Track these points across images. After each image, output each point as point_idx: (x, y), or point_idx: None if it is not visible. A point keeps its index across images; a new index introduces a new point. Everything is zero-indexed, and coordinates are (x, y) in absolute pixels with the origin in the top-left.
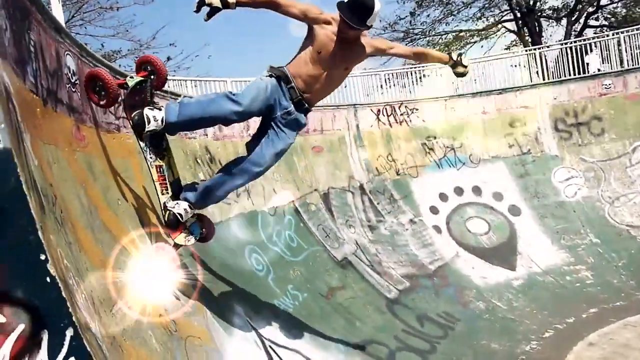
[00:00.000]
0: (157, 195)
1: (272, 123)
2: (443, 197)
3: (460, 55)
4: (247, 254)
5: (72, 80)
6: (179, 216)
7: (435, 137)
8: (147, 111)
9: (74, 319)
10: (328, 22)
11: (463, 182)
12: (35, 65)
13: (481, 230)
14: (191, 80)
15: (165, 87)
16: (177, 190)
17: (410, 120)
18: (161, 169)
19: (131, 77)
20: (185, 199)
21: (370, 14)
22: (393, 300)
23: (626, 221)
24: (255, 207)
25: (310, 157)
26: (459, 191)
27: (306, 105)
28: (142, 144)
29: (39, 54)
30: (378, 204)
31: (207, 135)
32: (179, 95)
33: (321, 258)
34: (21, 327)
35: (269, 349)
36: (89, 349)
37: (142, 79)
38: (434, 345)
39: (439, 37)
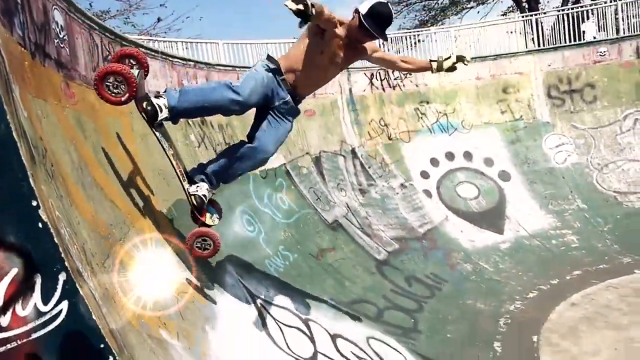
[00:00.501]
0: (181, 182)
1: (271, 112)
2: (434, 162)
3: (440, 57)
4: (238, 215)
5: (60, 36)
6: (203, 198)
7: (428, 102)
8: (155, 100)
9: (66, 264)
10: (338, 25)
11: (454, 147)
12: (22, 18)
13: (471, 195)
14: (182, 42)
15: (157, 47)
16: (187, 174)
17: (404, 85)
18: (175, 156)
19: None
20: (202, 181)
21: (390, 24)
22: (382, 261)
23: (613, 187)
24: None
25: (302, 120)
26: (450, 156)
27: (297, 97)
28: (157, 134)
29: (25, 6)
30: (369, 168)
31: None
32: (171, 56)
33: (312, 220)
34: (14, 271)
35: (260, 306)
36: (81, 293)
37: (140, 70)
38: (421, 305)
39: (435, 1)
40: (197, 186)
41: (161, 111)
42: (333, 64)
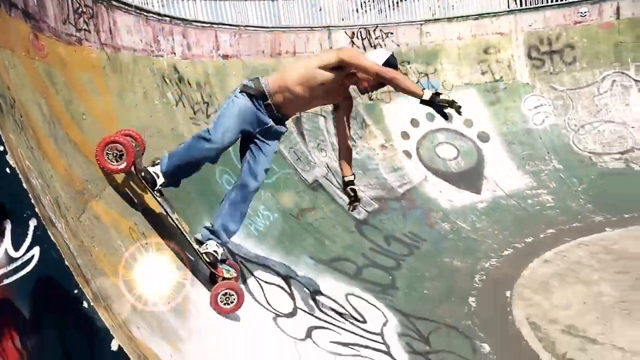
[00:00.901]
0: (190, 244)
1: (254, 140)
2: (414, 122)
3: (437, 94)
4: (217, 175)
5: None
6: (215, 253)
7: (409, 62)
8: (151, 168)
9: (37, 210)
10: None
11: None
12: None
13: (450, 155)
14: None
15: (131, 2)
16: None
17: (385, 45)
18: (179, 220)
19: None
20: (209, 238)
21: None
22: (362, 221)
23: (589, 148)
24: None
25: None
26: (430, 117)
27: (282, 118)
28: (160, 199)
29: None
30: (350, 128)
31: (175, 54)
32: (145, 11)
33: (292, 180)
34: None
35: (239, 264)
36: (54, 240)
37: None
38: (399, 262)
39: None
40: (206, 244)
41: (158, 177)
42: (326, 97)
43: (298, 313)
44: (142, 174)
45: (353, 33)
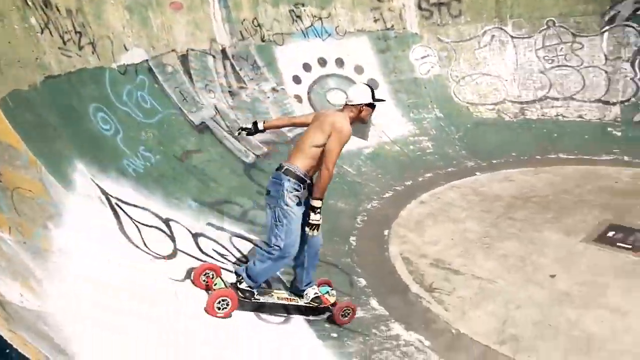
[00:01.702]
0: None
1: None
2: (307, 67)
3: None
4: (91, 112)
5: None
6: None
7: (303, 5)
8: (242, 286)
9: None
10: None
11: (327, 53)
12: None
13: (340, 101)
14: None
15: None
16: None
17: None
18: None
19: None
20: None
21: None
22: (250, 164)
23: (467, 99)
24: (102, 63)
25: (167, 14)
26: (322, 62)
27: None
28: (262, 300)
29: None
30: (240, 70)
31: None
32: None
33: (177, 121)
34: None
35: (115, 206)
36: None
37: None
38: None
39: None
40: (306, 292)
41: (252, 288)
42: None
43: (178, 255)
44: (241, 294)
45: None
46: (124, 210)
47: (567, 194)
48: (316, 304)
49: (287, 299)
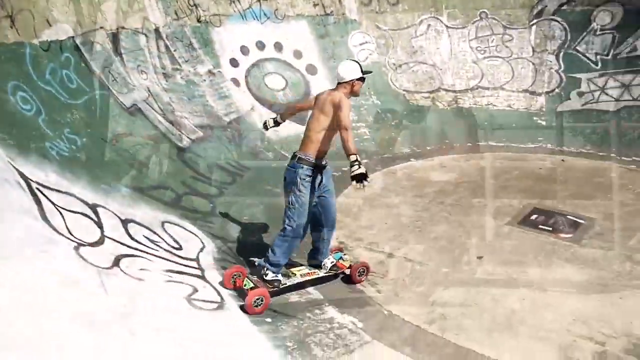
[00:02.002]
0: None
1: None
2: (244, 50)
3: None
4: (10, 90)
5: None
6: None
7: None
8: (269, 279)
9: None
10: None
11: (266, 37)
12: None
13: (278, 86)
14: None
15: None
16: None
17: None
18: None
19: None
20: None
21: None
22: (184, 148)
23: (404, 86)
24: (23, 39)
25: None
26: (260, 45)
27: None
28: (288, 283)
29: None
30: (175, 51)
31: None
32: None
33: (106, 103)
34: None
35: (35, 191)
36: None
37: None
38: (221, 190)
39: None
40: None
41: (278, 282)
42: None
43: (105, 242)
44: (270, 285)
45: None
46: (45, 196)
47: (495, 179)
48: (335, 271)
49: (309, 273)
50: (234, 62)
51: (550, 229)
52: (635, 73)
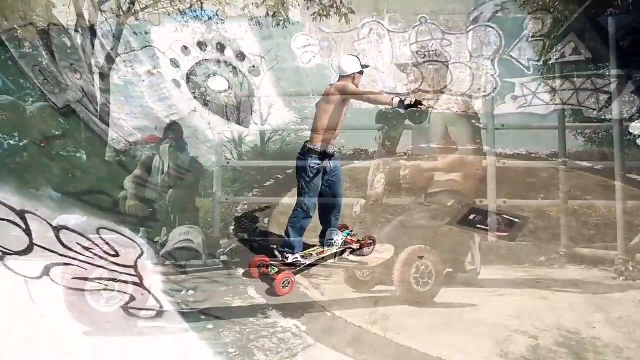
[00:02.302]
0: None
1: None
2: (185, 50)
3: (402, 101)
4: None
5: None
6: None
7: None
8: (290, 260)
9: None
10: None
11: (208, 37)
12: None
13: (221, 87)
14: None
15: None
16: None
17: None
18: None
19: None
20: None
21: None
22: (122, 151)
23: None
24: None
25: None
26: (203, 46)
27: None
28: (302, 262)
29: None
30: (112, 49)
31: None
32: None
33: (36, 103)
34: None
35: None
36: None
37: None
38: (161, 194)
39: None
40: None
41: (295, 256)
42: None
43: (35, 250)
44: (293, 267)
45: None
46: None
47: (435, 181)
48: (345, 247)
49: (323, 251)
50: (174, 63)
51: (487, 228)
52: (564, 78)
